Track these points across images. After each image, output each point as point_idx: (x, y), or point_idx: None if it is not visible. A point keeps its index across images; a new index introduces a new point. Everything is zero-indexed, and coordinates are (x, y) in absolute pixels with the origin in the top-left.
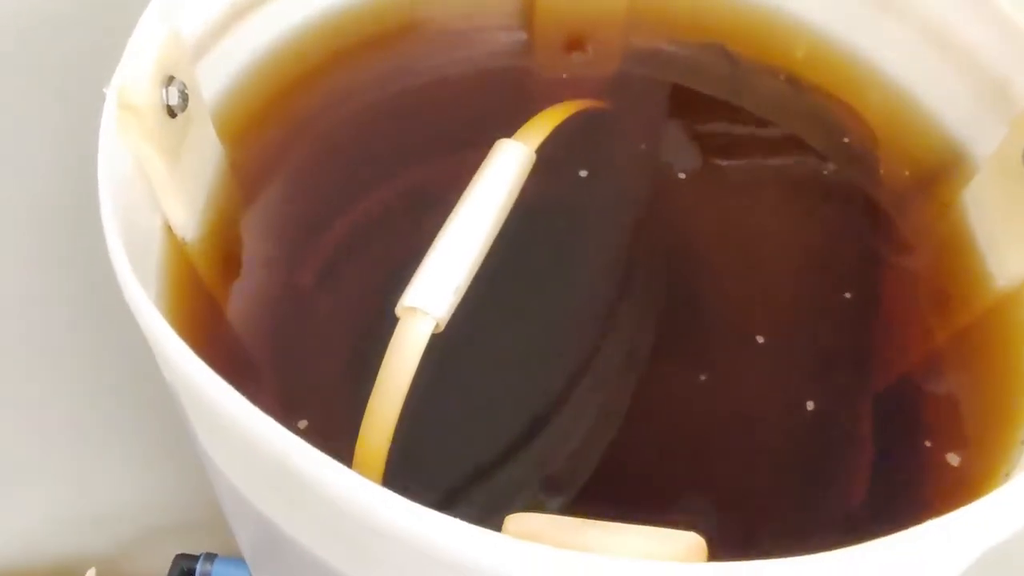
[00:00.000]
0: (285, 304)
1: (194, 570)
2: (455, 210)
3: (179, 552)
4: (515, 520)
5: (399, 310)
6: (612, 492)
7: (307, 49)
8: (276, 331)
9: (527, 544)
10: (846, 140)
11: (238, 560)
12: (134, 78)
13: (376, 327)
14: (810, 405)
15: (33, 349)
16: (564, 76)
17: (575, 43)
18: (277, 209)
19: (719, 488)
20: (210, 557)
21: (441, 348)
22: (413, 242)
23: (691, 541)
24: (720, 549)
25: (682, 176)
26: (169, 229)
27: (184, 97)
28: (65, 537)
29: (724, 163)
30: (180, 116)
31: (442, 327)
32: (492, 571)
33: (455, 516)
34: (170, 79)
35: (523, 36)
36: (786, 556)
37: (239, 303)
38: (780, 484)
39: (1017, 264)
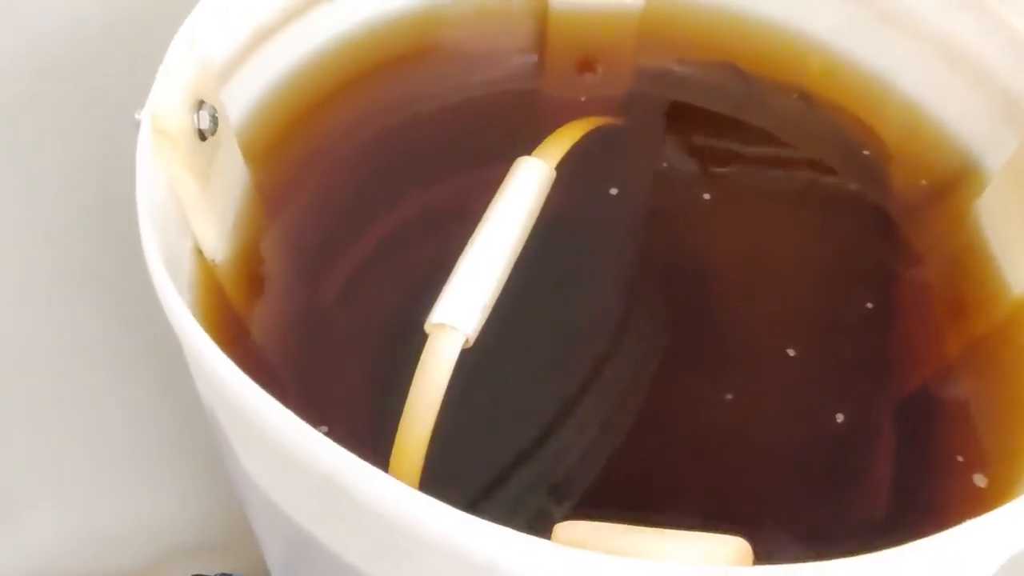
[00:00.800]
0: (308, 321)
1: None
2: (480, 227)
3: (194, 573)
4: (564, 528)
5: (429, 327)
6: (637, 502)
7: (326, 72)
8: (300, 348)
9: (580, 552)
10: (865, 153)
11: None
12: (166, 103)
13: (398, 344)
14: (839, 417)
15: (49, 368)
16: (576, 97)
17: (586, 64)
18: (300, 228)
19: (741, 498)
20: None
21: (461, 362)
22: (432, 260)
23: (738, 546)
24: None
25: (706, 197)
26: (199, 251)
27: (214, 121)
28: (79, 557)
29: (739, 180)
30: (210, 139)
31: (471, 343)
32: None
33: None
34: (200, 103)
35: (535, 58)
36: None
37: (264, 321)
38: (803, 495)
39: None
